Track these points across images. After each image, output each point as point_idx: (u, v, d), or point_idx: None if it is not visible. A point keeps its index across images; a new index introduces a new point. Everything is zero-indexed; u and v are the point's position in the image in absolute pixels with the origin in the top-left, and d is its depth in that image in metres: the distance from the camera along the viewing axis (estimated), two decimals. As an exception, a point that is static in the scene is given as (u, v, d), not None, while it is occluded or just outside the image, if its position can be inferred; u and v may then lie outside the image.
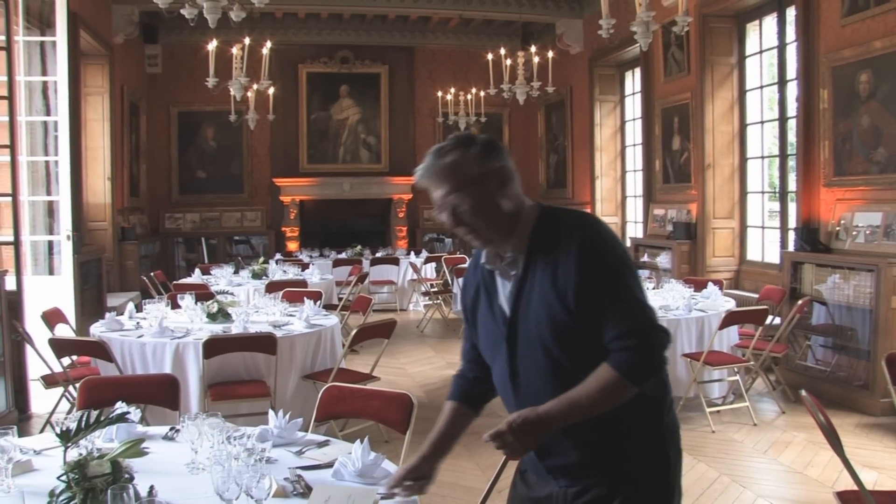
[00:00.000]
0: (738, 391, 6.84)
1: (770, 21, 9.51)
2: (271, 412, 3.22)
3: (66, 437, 2.47)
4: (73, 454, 2.42)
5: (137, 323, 6.18)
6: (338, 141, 16.34)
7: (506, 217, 2.27)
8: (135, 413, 3.21)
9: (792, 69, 8.72)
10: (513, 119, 16.91)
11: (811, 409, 3.13)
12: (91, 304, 9.60)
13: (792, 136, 8.73)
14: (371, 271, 12.24)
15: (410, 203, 16.44)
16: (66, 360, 6.04)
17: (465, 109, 13.52)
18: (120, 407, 3.12)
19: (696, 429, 6.36)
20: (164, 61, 15.30)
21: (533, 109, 15.93)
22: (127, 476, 2.35)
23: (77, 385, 4.11)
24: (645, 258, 11.23)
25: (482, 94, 12.77)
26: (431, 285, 12.37)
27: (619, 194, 13.66)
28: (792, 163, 8.75)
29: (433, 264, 13.14)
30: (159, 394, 3.94)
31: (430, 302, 12.11)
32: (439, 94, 14.15)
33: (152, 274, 10.08)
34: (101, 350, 5.49)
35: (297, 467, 2.77)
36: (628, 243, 12.67)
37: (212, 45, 9.26)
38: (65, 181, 8.90)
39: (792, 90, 8.73)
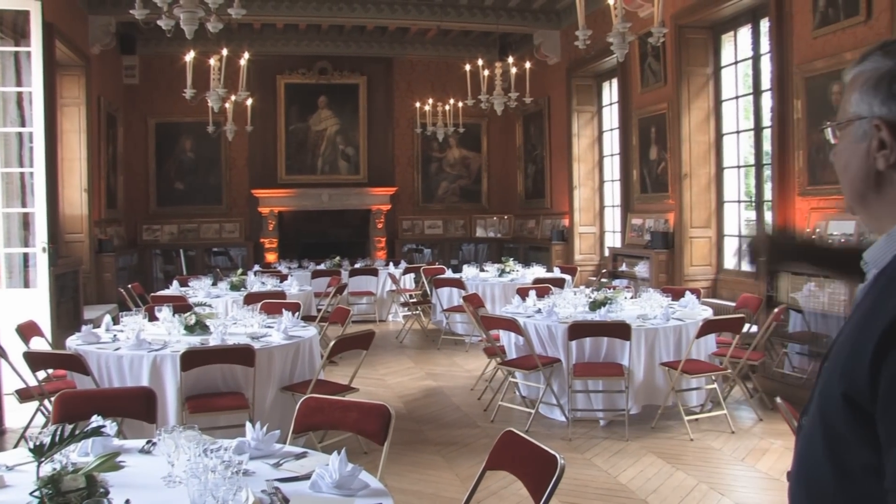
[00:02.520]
0: (716, 399, 6.88)
1: (745, 32, 9.60)
2: (248, 424, 3.20)
3: (40, 452, 2.45)
4: (47, 469, 2.39)
5: (114, 335, 6.14)
6: (316, 152, 16.33)
7: (872, 182, 1.47)
8: (110, 427, 3.18)
9: (766, 80, 8.80)
10: (491, 129, 16.95)
11: (786, 415, 3.16)
12: (67, 316, 9.52)
13: (767, 146, 8.80)
14: (350, 282, 12.22)
15: (389, 214, 16.44)
16: (42, 374, 5.98)
17: (443, 120, 13.54)
18: (95, 420, 3.10)
19: (674, 437, 6.39)
20: (142, 72, 15.24)
21: (511, 120, 15.99)
22: (102, 490, 2.33)
23: (52, 399, 4.07)
24: (623, 268, 11.28)
25: (460, 104, 12.81)
26: (410, 296, 12.36)
27: (597, 204, 13.72)
28: (767, 172, 8.82)
29: (412, 275, 13.13)
30: (135, 407, 3.91)
31: (409, 313, 12.10)
32: (417, 104, 14.17)
33: (130, 286, 10.02)
34: (77, 363, 5.45)
35: (274, 479, 2.76)
36: (606, 253, 12.74)
37: (189, 57, 9.24)
38: (40, 193, 8.83)
39: (767, 100, 8.81)
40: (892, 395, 1.24)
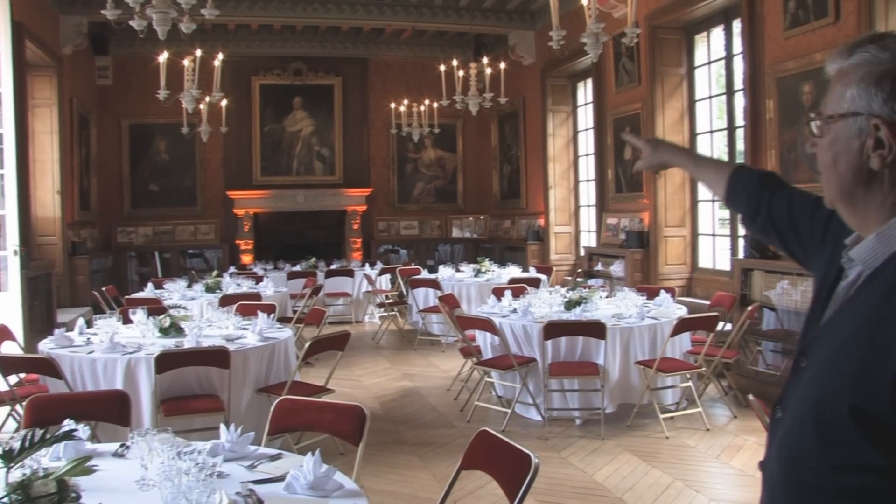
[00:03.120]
0: (691, 397, 6.92)
1: (718, 33, 9.68)
2: (223, 426, 3.19)
3: (9, 458, 2.42)
4: (18, 474, 2.37)
5: (88, 339, 6.09)
6: (291, 153, 16.28)
7: (863, 180, 1.46)
8: (83, 431, 3.16)
9: (739, 80, 8.87)
10: (466, 130, 16.97)
11: (759, 413, 3.19)
12: (40, 320, 9.44)
13: (741, 145, 8.87)
14: (326, 283, 12.18)
15: (365, 215, 16.43)
16: (13, 378, 5.92)
17: (418, 121, 13.53)
18: (67, 424, 3.07)
19: (649, 435, 6.42)
20: (115, 73, 15.11)
21: (486, 120, 16.01)
22: (74, 495, 2.32)
23: (24, 403, 4.03)
24: (598, 267, 11.33)
25: (435, 105, 12.80)
26: (386, 297, 12.35)
27: (572, 204, 13.77)
28: (741, 171, 8.88)
29: (388, 276, 13.12)
30: (109, 410, 3.88)
31: (385, 313, 12.08)
32: (393, 105, 14.15)
33: (104, 289, 9.94)
34: (49, 367, 5.40)
35: (248, 481, 2.75)
36: (582, 252, 12.78)
37: (163, 57, 9.17)
38: (11, 195, 8.75)
39: (739, 100, 8.88)
40: None
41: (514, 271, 11.43)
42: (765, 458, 1.63)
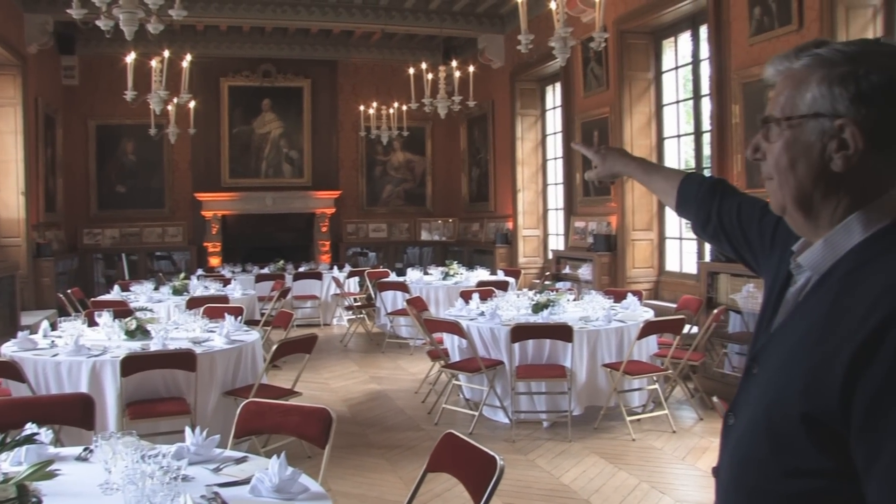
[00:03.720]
0: (658, 399, 6.97)
1: (685, 38, 9.77)
2: (188, 429, 3.17)
3: (-29, 460, 2.40)
4: (-22, 478, 2.35)
5: (52, 342, 6.01)
6: (260, 155, 16.20)
7: (822, 183, 1.45)
8: (45, 435, 3.12)
9: (706, 85, 8.96)
10: (435, 133, 16.98)
11: (723, 414, 3.21)
12: (3, 322, 9.33)
13: (708, 150, 8.96)
14: (294, 286, 12.14)
15: (333, 217, 16.38)
16: (-24, 381, 5.84)
17: (387, 123, 13.54)
18: (29, 428, 3.04)
19: (616, 437, 6.46)
20: (82, 73, 14.95)
21: (455, 123, 16.04)
22: (35, 500, 2.29)
23: (-14, 406, 3.98)
24: (566, 270, 11.39)
25: (405, 108, 12.81)
26: (355, 300, 12.33)
27: (540, 207, 13.83)
28: (708, 175, 8.96)
29: (356, 279, 13.10)
30: (73, 414, 3.84)
31: (354, 316, 12.05)
32: (362, 108, 14.15)
33: (69, 291, 9.83)
34: (12, 370, 5.33)
35: (213, 484, 2.74)
36: (550, 256, 12.84)
37: (130, 58, 9.10)
38: (-26, 196, 8.65)
39: (706, 105, 8.97)
40: (872, 418, 1.22)
41: (482, 274, 11.46)
42: (718, 465, 1.64)
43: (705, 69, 9.02)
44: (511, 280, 10.79)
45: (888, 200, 1.42)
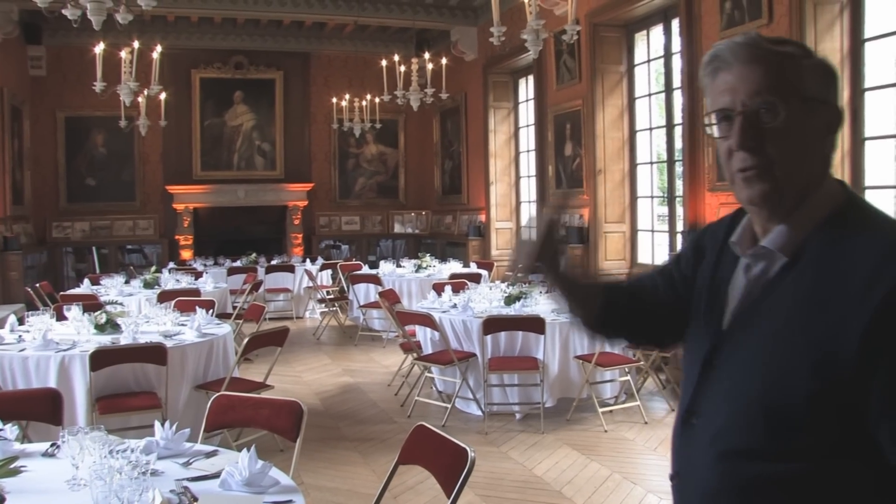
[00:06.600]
0: (630, 391, 7.01)
1: (657, 31, 9.80)
2: (157, 423, 3.14)
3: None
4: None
5: (20, 336, 5.94)
6: (232, 147, 16.08)
7: (813, 168, 1.51)
8: (10, 430, 3.09)
9: (678, 78, 8.99)
10: (408, 125, 16.94)
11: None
12: (-30, 317, 9.20)
13: (679, 143, 9.00)
14: (266, 279, 12.10)
15: (306, 210, 16.31)
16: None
17: (360, 116, 13.49)
18: (-6, 424, 3.00)
19: (588, 429, 6.50)
20: (49, 63, 14.74)
21: (428, 116, 16.01)
22: None
23: (-48, 402, 3.93)
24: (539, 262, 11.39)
25: (377, 100, 12.76)
26: (327, 292, 12.30)
27: (513, 200, 13.84)
28: (679, 168, 9.02)
29: (329, 271, 13.05)
30: (40, 409, 3.80)
31: (326, 309, 12.02)
32: (334, 100, 14.09)
33: (38, 285, 9.73)
34: (-21, 365, 5.27)
35: (183, 479, 2.72)
36: (524, 248, 12.82)
37: (99, 49, 8.99)
38: (-60, 189, 8.53)
39: (678, 98, 9.00)
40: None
41: (454, 267, 11.46)
42: (678, 469, 1.63)
43: (677, 62, 9.06)
44: (484, 272, 10.81)
45: (833, 176, 1.54)
